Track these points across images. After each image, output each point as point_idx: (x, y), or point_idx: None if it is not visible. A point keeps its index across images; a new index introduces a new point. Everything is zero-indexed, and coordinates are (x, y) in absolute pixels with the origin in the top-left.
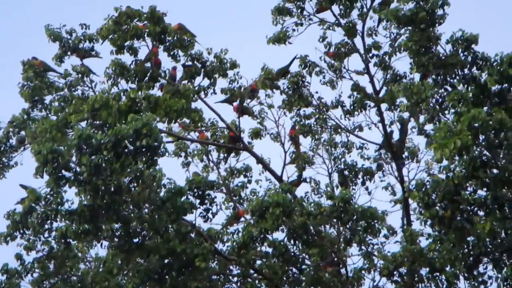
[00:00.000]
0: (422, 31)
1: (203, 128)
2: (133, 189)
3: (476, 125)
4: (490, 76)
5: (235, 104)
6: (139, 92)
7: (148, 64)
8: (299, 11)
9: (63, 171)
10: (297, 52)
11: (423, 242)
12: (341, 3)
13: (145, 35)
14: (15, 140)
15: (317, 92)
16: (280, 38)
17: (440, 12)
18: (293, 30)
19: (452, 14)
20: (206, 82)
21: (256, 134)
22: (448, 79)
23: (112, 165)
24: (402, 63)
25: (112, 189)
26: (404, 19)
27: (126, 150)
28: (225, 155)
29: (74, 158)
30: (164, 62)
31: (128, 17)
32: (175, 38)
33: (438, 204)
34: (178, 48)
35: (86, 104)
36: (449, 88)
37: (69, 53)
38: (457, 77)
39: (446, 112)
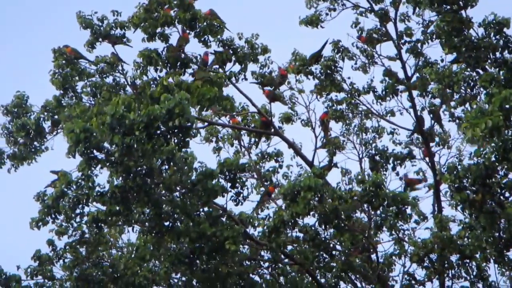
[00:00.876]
0: (454, 13)
1: (234, 113)
2: (164, 171)
3: (508, 106)
4: None
5: (265, 89)
6: (170, 79)
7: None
8: None
9: (95, 151)
10: (328, 36)
11: (454, 228)
12: None
13: (176, 22)
14: (49, 123)
15: (349, 78)
16: (313, 21)
17: None
18: (326, 14)
19: None
20: (237, 67)
21: (287, 119)
22: (480, 62)
23: (144, 146)
24: (434, 50)
25: (144, 171)
26: (437, 0)
27: (158, 131)
28: (256, 140)
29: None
30: (195, 48)
31: (158, 5)
32: (205, 24)
33: (469, 188)
34: (208, 34)
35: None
36: (481, 71)
37: (100, 39)
38: (489, 61)
39: (477, 95)
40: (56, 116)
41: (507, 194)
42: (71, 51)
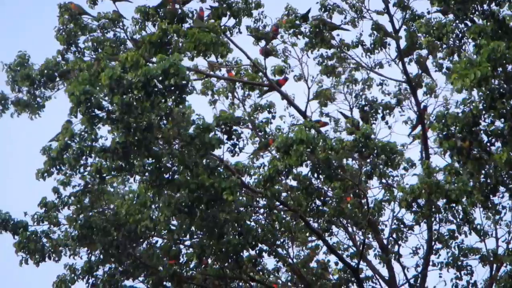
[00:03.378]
0: None
1: (229, 67)
2: (163, 126)
3: (495, 57)
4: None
5: (260, 47)
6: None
7: (177, 6)
8: None
9: (96, 110)
10: None
11: (440, 177)
12: None
13: None
14: (56, 73)
15: (338, 35)
16: None
17: None
18: None
19: None
20: (232, 22)
21: (280, 71)
22: (468, 14)
23: (143, 104)
24: (420, 3)
25: (143, 126)
26: None
27: (156, 89)
28: (249, 92)
29: (106, 98)
30: (191, 4)
31: None
32: None
33: (457, 135)
34: None
35: (116, 64)
36: (469, 24)
37: None
38: (477, 13)
39: (465, 47)
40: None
41: (493, 141)
42: (75, 7)
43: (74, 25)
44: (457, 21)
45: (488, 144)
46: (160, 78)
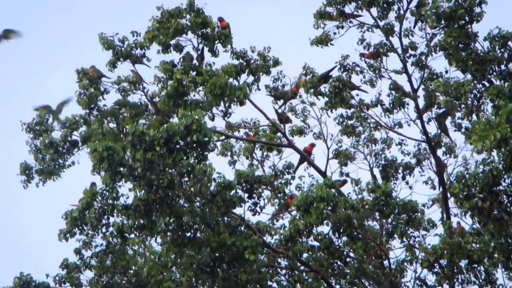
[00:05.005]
0: (460, 28)
1: (246, 130)
2: (184, 183)
3: None
4: None
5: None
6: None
7: (194, 61)
8: (339, 14)
9: (118, 167)
10: (338, 52)
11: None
12: (379, 6)
13: (188, 31)
14: (78, 136)
15: (357, 95)
16: (322, 40)
17: (477, 10)
18: (334, 33)
19: (489, 11)
20: (250, 79)
21: (300, 131)
22: (486, 75)
23: (165, 160)
24: (438, 62)
25: (165, 183)
26: (444, 16)
27: (178, 146)
28: (268, 153)
29: (128, 154)
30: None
31: (170, 15)
32: (215, 32)
33: (477, 196)
34: (218, 41)
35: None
36: (487, 84)
37: (121, 59)
38: (494, 73)
39: (483, 107)
40: (76, 132)
41: None
42: (93, 71)
43: (94, 89)
44: (475, 81)
45: (509, 204)
46: (182, 134)
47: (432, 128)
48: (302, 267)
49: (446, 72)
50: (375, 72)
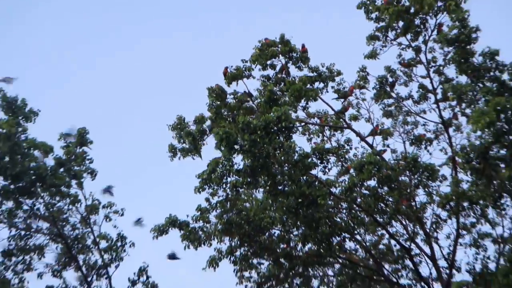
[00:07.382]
0: (463, 48)
1: (319, 116)
2: (277, 154)
3: (499, 108)
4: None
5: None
6: (275, 87)
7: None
8: (384, 37)
9: (232, 144)
10: (381, 62)
11: (464, 186)
12: (411, 33)
13: (279, 55)
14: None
15: (396, 89)
16: (372, 55)
17: (474, 35)
18: (380, 49)
19: (482, 36)
20: (321, 85)
21: (355, 117)
22: (480, 79)
23: (264, 140)
24: (450, 71)
25: (264, 155)
26: (451, 40)
27: (272, 130)
28: (334, 132)
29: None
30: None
31: (267, 46)
32: (298, 55)
33: (475, 160)
34: (300, 61)
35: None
36: (481, 85)
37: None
38: (486, 78)
39: (479, 101)
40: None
41: (500, 163)
42: (217, 88)
43: (220, 103)
44: (473, 84)
45: (496, 165)
46: (275, 122)
47: (446, 114)
48: (357, 208)
49: (457, 77)
50: (408, 77)
